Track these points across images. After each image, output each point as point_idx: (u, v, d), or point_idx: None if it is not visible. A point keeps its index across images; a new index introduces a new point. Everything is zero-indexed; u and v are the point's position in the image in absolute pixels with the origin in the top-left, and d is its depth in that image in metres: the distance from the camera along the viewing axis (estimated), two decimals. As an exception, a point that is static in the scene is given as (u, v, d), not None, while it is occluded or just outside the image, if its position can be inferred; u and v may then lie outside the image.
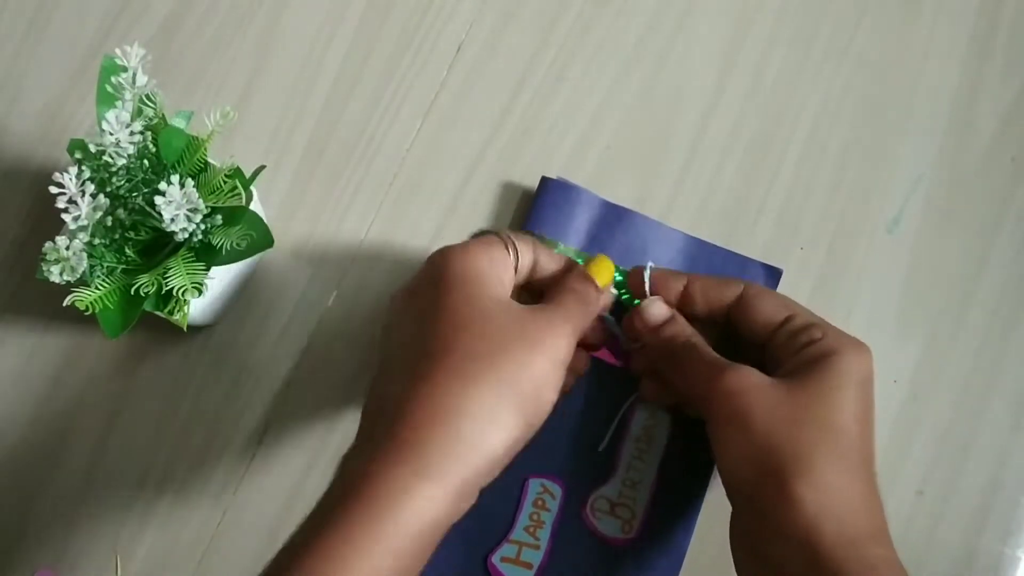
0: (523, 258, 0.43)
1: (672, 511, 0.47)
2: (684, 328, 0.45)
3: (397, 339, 0.41)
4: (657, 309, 0.46)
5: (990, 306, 0.51)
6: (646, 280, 0.46)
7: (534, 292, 0.45)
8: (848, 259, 0.51)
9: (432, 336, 0.39)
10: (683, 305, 0.46)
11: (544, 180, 0.50)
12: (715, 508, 0.48)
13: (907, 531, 0.47)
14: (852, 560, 0.37)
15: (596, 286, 0.44)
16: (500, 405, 0.37)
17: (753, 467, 0.40)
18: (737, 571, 0.41)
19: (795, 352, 0.42)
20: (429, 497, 0.35)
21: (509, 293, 0.43)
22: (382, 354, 0.42)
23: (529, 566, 0.46)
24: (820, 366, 0.41)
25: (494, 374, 0.37)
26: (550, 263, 0.45)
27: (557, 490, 0.47)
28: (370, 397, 0.40)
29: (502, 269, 0.42)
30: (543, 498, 0.47)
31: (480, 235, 0.46)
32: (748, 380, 0.41)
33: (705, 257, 0.50)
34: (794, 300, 0.45)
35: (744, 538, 0.41)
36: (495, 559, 0.46)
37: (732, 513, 0.42)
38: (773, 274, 0.50)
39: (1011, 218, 0.52)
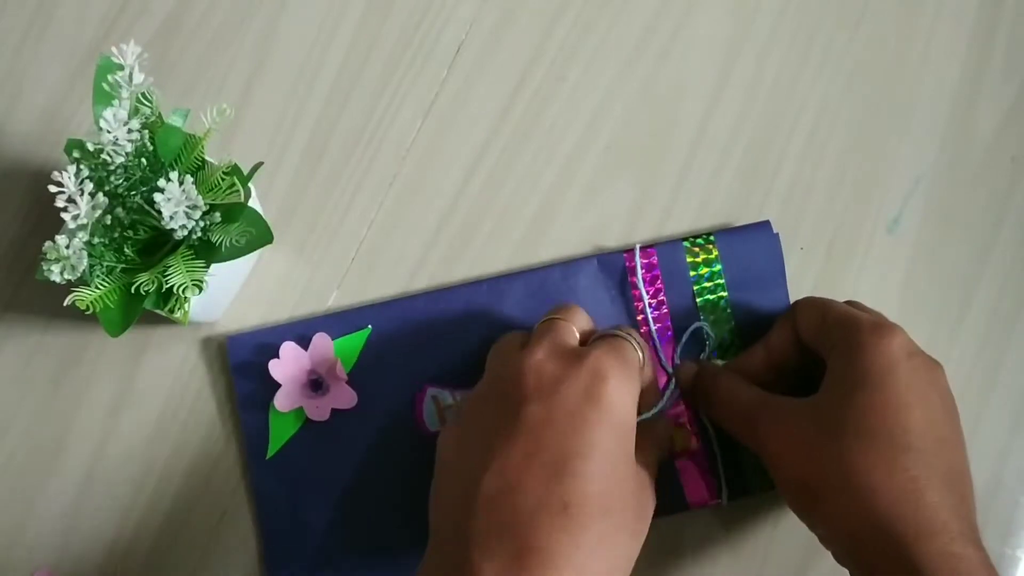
0: (646, 369, 0.43)
1: None
2: (711, 368, 0.47)
3: (485, 424, 0.39)
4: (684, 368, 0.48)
5: (990, 306, 0.51)
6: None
7: None
8: (848, 259, 0.51)
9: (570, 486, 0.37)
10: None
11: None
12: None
13: (907, 531, 0.47)
14: None
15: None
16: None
17: (799, 504, 0.41)
18: None
19: (826, 359, 0.43)
20: None
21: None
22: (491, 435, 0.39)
23: None
24: (833, 377, 0.42)
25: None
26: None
27: None
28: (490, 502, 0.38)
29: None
30: None
31: (610, 332, 0.42)
32: (778, 418, 0.42)
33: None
34: (821, 297, 0.46)
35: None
36: None
37: None
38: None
39: (1011, 218, 0.51)
